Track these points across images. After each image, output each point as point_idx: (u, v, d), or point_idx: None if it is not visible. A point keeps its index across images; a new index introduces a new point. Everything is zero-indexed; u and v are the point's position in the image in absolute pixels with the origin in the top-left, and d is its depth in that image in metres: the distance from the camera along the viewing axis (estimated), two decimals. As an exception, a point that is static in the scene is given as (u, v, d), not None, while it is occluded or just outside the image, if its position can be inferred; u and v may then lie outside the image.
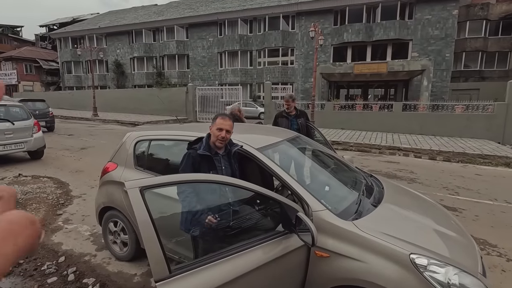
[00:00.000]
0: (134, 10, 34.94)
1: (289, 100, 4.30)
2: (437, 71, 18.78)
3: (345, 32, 20.85)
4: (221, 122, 2.12)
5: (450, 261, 1.73)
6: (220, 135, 2.11)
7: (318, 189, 2.30)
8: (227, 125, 2.12)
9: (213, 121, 2.19)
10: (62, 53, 32.67)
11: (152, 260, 1.32)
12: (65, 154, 8.28)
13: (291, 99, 4.31)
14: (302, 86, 22.71)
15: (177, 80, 26.46)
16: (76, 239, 3.51)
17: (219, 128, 2.11)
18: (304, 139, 3.14)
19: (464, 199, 5.03)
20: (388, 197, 2.46)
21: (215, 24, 25.08)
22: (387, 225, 2.00)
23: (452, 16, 18.79)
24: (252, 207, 2.01)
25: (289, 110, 4.36)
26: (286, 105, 4.36)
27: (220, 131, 2.11)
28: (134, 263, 2.98)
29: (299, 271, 1.92)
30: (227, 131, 2.12)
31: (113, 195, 2.96)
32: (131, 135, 3.11)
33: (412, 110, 13.52)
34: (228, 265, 1.56)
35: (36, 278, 2.79)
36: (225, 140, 2.15)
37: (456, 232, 2.23)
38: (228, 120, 2.15)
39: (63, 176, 6.04)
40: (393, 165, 7.53)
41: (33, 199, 4.66)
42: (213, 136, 2.15)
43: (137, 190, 1.35)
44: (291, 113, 4.35)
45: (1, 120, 6.66)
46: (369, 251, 1.78)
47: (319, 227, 1.81)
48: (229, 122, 2.14)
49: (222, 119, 2.13)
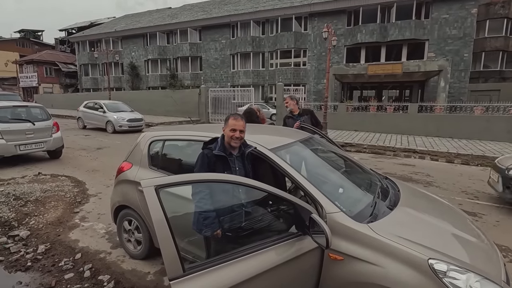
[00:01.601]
0: (149, 13, 35.68)
1: (287, 98, 4.50)
2: (454, 71, 18.24)
3: (358, 33, 20.57)
4: (233, 123, 2.11)
5: (471, 268, 1.66)
6: (234, 135, 2.10)
7: (332, 190, 2.26)
8: (240, 126, 2.11)
9: (225, 122, 2.18)
10: (80, 56, 33.74)
11: (167, 259, 1.33)
12: (82, 154, 8.51)
13: (289, 97, 4.49)
14: (315, 87, 22.53)
15: (190, 82, 26.81)
16: (92, 237, 3.59)
17: (232, 129, 2.11)
18: (317, 140, 3.11)
19: (484, 204, 4.84)
20: (404, 200, 2.39)
21: (228, 26, 25.27)
22: (404, 229, 1.94)
23: (471, 15, 18.23)
24: (265, 208, 1.99)
25: (290, 109, 4.52)
26: (285, 103, 4.54)
27: (233, 131, 2.10)
28: (147, 262, 3.02)
29: (312, 274, 1.89)
30: (241, 131, 2.12)
31: (128, 194, 3.01)
32: (145, 135, 3.16)
33: (428, 112, 13.16)
34: (241, 266, 1.55)
35: (54, 274, 2.87)
36: (241, 139, 2.14)
37: (477, 237, 2.14)
38: (240, 120, 2.14)
39: (80, 175, 6.21)
40: (408, 168, 7.35)
41: (52, 197, 4.81)
42: (227, 137, 2.14)
43: (152, 189, 1.36)
44: (295, 112, 4.49)
45: (22, 121, 6.93)
46: (385, 255, 1.73)
47: (333, 229, 1.78)
48: (241, 122, 2.13)
49: (235, 120, 2.12)
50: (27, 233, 3.62)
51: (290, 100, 4.46)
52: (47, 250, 3.28)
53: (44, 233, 3.67)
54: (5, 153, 6.54)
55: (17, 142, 6.66)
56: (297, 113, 4.47)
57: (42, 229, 3.76)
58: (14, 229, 3.75)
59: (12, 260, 3.08)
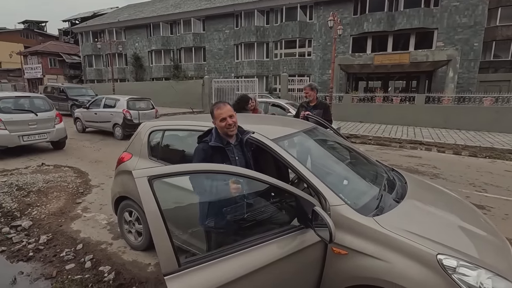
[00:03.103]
0: (152, 3, 35.21)
1: (307, 89, 4.29)
2: (464, 61, 17.75)
3: (365, 22, 20.05)
4: (219, 112, 1.99)
5: (482, 264, 1.58)
6: (226, 124, 1.99)
7: (336, 182, 2.18)
8: (226, 111, 1.99)
9: (212, 115, 2.05)
10: (83, 47, 33.59)
11: (161, 253, 1.27)
12: (85, 144, 8.52)
13: (309, 88, 4.28)
14: (320, 78, 22.18)
15: (193, 72, 26.58)
16: (94, 228, 3.58)
17: (221, 119, 1.99)
18: (321, 130, 3.01)
19: (492, 197, 4.72)
20: (411, 193, 2.30)
21: (232, 16, 24.85)
22: (411, 223, 1.86)
23: (483, 2, 17.60)
24: (267, 200, 1.92)
25: (308, 100, 4.33)
26: (305, 94, 4.34)
27: (223, 120, 1.99)
28: (148, 253, 3.00)
29: (315, 268, 1.83)
30: (230, 116, 2.00)
31: (127, 185, 2.96)
32: (145, 125, 3.10)
33: (435, 103, 12.89)
34: (241, 260, 1.49)
35: (55, 264, 2.87)
36: (235, 125, 2.03)
37: (487, 231, 2.05)
38: (224, 106, 2.02)
39: (83, 166, 6.20)
40: (414, 159, 7.21)
41: (55, 188, 4.81)
42: (221, 128, 2.02)
43: (145, 179, 1.30)
44: (311, 103, 4.31)
45: (25, 111, 6.92)
46: (392, 250, 1.66)
47: (337, 222, 1.70)
48: (227, 108, 2.01)
49: (219, 109, 2.00)
50: (29, 224, 3.62)
51: (311, 91, 4.25)
52: (49, 240, 3.28)
53: (46, 223, 3.67)
54: (8, 144, 6.55)
55: (20, 133, 6.66)
56: (313, 104, 4.29)
57: (44, 220, 3.76)
58: (16, 219, 3.75)
59: (14, 250, 3.08)
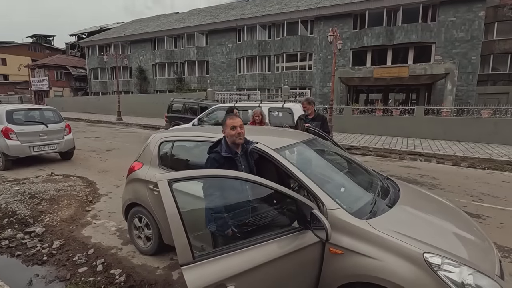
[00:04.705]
0: (157, 18, 36.29)
1: (305, 103, 4.55)
2: (462, 74, 18.10)
3: (364, 36, 20.59)
4: (231, 122, 2.25)
5: (465, 262, 1.74)
6: (236, 133, 2.23)
7: (333, 189, 2.36)
8: (238, 122, 2.26)
9: (223, 124, 2.32)
10: (89, 60, 34.42)
11: (179, 246, 1.46)
12: (92, 155, 8.75)
13: (307, 102, 4.54)
14: (321, 90, 22.58)
15: (196, 85, 27.10)
16: (104, 234, 3.75)
17: (232, 127, 2.24)
18: (320, 141, 3.21)
19: (488, 206, 4.85)
20: (404, 199, 2.47)
21: (234, 30, 25.54)
22: (402, 225, 2.03)
23: (479, 18, 18.09)
24: (269, 205, 2.10)
25: (307, 113, 4.58)
26: (303, 108, 4.59)
27: (234, 129, 2.23)
28: (157, 257, 3.15)
29: (313, 267, 1.99)
30: (240, 126, 2.26)
31: (138, 192, 3.15)
32: (155, 136, 3.31)
33: (435, 115, 13.11)
34: (246, 256, 1.66)
35: (68, 268, 3.03)
36: (243, 135, 2.28)
37: (475, 235, 2.21)
38: (236, 117, 2.30)
39: (91, 175, 6.41)
40: (413, 170, 7.36)
41: (65, 196, 5.00)
42: (230, 137, 2.26)
43: (166, 182, 1.49)
44: (310, 116, 4.55)
45: (36, 123, 7.19)
46: (383, 249, 1.83)
47: (333, 225, 1.88)
48: (238, 119, 2.28)
49: (232, 119, 2.27)
50: (43, 230, 3.79)
51: (308, 105, 4.51)
52: (61, 245, 3.45)
53: (58, 229, 3.84)
54: (20, 154, 6.79)
55: (31, 144, 6.91)
56: (312, 117, 4.53)
57: (57, 226, 3.93)
58: (30, 225, 3.93)
59: (29, 255, 3.25)
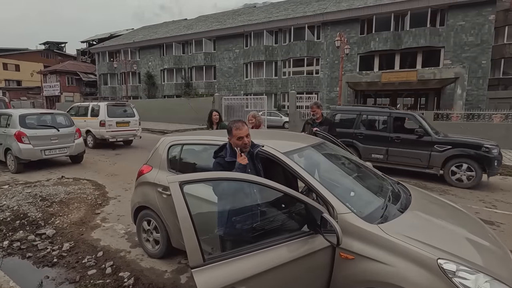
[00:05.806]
0: (166, 25, 36.92)
1: (314, 107, 4.58)
2: (472, 78, 17.84)
3: (372, 41, 20.54)
4: (238, 132, 2.18)
5: (481, 268, 1.69)
6: (242, 143, 2.19)
7: (343, 193, 2.33)
8: (244, 132, 2.19)
9: (229, 132, 2.25)
10: (99, 66, 35.15)
11: (189, 249, 1.45)
12: (101, 159, 8.87)
13: (316, 106, 4.58)
14: (328, 95, 22.53)
15: (204, 90, 27.38)
16: (113, 236, 3.78)
17: (239, 137, 2.18)
18: (329, 145, 3.19)
19: (502, 213, 4.73)
20: (415, 204, 2.43)
21: (242, 36, 25.79)
22: (414, 230, 1.99)
23: (489, 22, 17.89)
24: (279, 208, 2.09)
25: (315, 117, 4.60)
26: (312, 112, 4.61)
27: (241, 139, 2.18)
28: (165, 261, 3.15)
29: (324, 272, 1.96)
30: (247, 136, 2.21)
31: (147, 195, 3.17)
32: (165, 140, 3.33)
33: (444, 120, 12.91)
34: (256, 259, 1.65)
35: (78, 270, 3.05)
36: (249, 143, 2.24)
37: (490, 241, 2.15)
38: (242, 125, 2.22)
39: (100, 179, 6.49)
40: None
41: (75, 199, 5.06)
42: (236, 146, 2.22)
43: (177, 184, 1.50)
44: (317, 120, 4.57)
45: (48, 127, 7.34)
46: (396, 255, 1.79)
47: (344, 229, 1.85)
48: (244, 128, 2.21)
49: (238, 129, 2.19)
50: (53, 232, 3.84)
51: (317, 109, 4.57)
52: (71, 248, 3.48)
53: (68, 232, 3.89)
54: (31, 157, 6.93)
55: (42, 147, 7.05)
56: (319, 121, 4.57)
57: (67, 228, 3.98)
58: (41, 227, 3.99)
59: (39, 256, 3.29)
